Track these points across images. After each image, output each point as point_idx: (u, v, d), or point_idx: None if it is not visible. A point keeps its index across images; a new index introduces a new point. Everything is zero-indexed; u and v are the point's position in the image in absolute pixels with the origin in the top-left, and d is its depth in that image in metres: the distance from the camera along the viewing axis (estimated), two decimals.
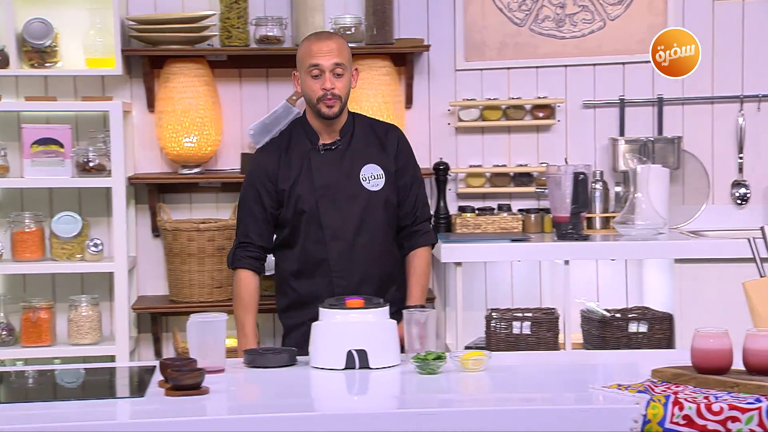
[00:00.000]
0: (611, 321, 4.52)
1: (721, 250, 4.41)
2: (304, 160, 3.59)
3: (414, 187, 3.68)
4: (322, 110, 3.53)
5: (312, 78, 3.51)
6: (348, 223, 3.55)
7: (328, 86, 3.49)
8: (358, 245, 3.56)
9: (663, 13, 4.93)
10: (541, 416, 2.52)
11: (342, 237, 3.55)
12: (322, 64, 3.49)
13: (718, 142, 4.98)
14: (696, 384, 2.64)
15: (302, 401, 2.74)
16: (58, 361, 4.57)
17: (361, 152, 3.60)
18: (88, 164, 4.54)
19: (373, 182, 3.59)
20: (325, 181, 3.56)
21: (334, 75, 3.51)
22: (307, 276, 3.59)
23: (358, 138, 3.63)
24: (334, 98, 3.51)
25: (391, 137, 3.67)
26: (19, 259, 4.57)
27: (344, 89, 3.54)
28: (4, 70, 4.57)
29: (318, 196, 3.55)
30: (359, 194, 3.57)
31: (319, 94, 3.51)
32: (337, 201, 3.56)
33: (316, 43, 3.54)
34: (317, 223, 3.55)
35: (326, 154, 3.59)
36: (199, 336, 2.91)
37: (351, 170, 3.58)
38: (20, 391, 2.93)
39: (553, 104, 4.91)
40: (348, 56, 3.57)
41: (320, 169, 3.57)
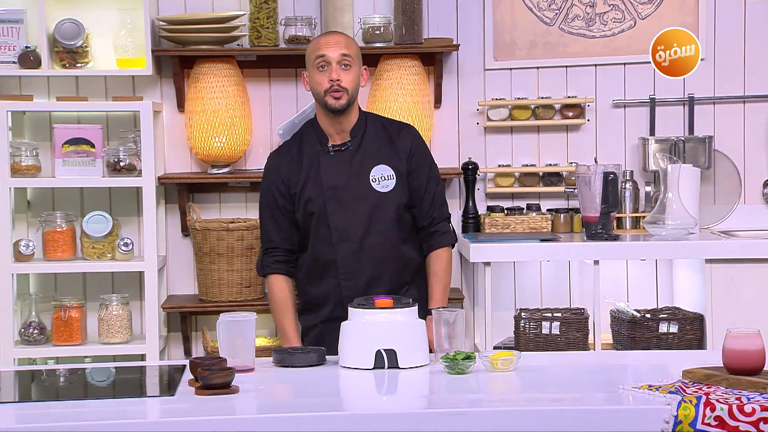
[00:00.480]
0: (641, 321, 4.49)
1: (753, 250, 4.39)
2: (313, 161, 3.57)
3: (430, 186, 3.62)
4: (328, 102, 3.48)
5: (319, 71, 3.48)
6: (356, 224, 3.52)
7: (334, 77, 3.45)
8: (366, 247, 3.52)
9: (694, 11, 4.90)
10: (571, 417, 2.51)
11: (349, 238, 3.52)
12: (329, 55, 3.47)
13: (749, 142, 4.94)
14: (728, 385, 2.62)
15: (331, 401, 2.75)
16: (88, 359, 4.60)
17: (371, 153, 3.56)
18: (119, 164, 4.57)
19: (383, 183, 3.54)
20: (334, 182, 3.54)
21: (341, 66, 3.47)
22: (317, 278, 3.58)
23: (369, 138, 3.58)
24: (341, 90, 3.47)
25: (404, 137, 3.62)
26: (50, 259, 4.60)
27: (351, 83, 3.49)
28: (36, 70, 4.61)
29: (326, 198, 3.53)
30: (368, 196, 3.53)
31: (325, 86, 3.47)
32: (345, 202, 3.53)
33: (323, 37, 3.56)
34: (325, 225, 3.53)
35: (336, 155, 3.56)
36: (228, 335, 2.92)
37: (360, 171, 3.55)
38: (51, 390, 2.95)
39: (582, 104, 4.89)
40: (356, 52, 3.53)
41: (329, 171, 3.55)
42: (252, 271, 4.67)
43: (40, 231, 4.63)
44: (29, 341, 4.58)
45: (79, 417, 2.52)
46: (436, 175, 3.66)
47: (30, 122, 4.79)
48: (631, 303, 4.72)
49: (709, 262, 4.41)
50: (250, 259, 4.65)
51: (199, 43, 4.66)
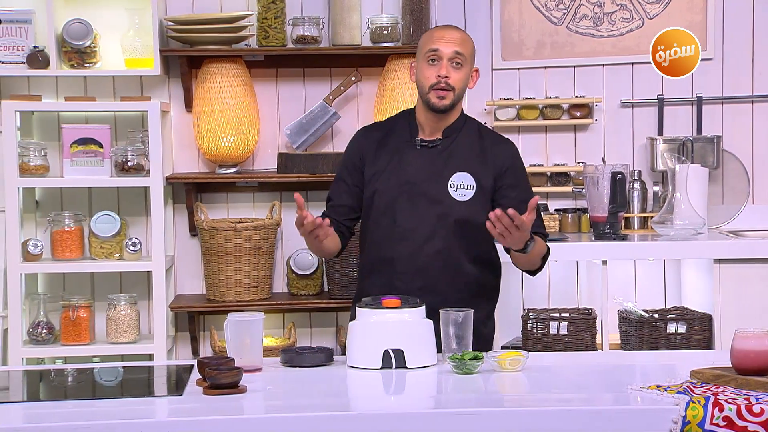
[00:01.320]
0: (649, 321, 4.49)
1: (762, 250, 4.38)
2: (397, 151, 3.37)
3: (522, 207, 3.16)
4: (431, 100, 3.28)
5: (428, 64, 3.29)
6: (422, 225, 3.31)
7: (443, 73, 3.26)
8: (426, 251, 3.31)
9: (702, 10, 4.89)
10: (579, 417, 2.50)
11: (412, 238, 3.31)
12: (441, 50, 3.27)
13: (758, 142, 4.93)
14: (736, 385, 2.61)
15: (339, 401, 2.75)
16: (97, 359, 4.61)
17: (458, 157, 3.34)
18: (127, 164, 4.57)
19: (460, 191, 3.31)
20: (411, 177, 3.33)
21: (452, 64, 3.28)
22: (373, 271, 3.37)
23: (461, 142, 3.36)
24: (448, 89, 3.27)
25: (499, 152, 3.37)
26: (58, 258, 4.61)
27: (460, 82, 3.29)
28: (44, 70, 4.62)
29: (399, 192, 3.33)
30: (442, 200, 3.31)
31: (432, 81, 3.27)
32: (416, 201, 3.32)
33: (439, 30, 3.35)
34: (392, 219, 3.33)
35: (421, 150, 3.35)
36: (236, 335, 2.92)
37: (442, 173, 3.33)
38: (59, 390, 2.95)
39: (590, 103, 4.89)
40: (471, 51, 3.34)
41: (409, 165, 3.34)
42: (260, 271, 4.67)
43: (49, 231, 4.64)
44: (38, 341, 4.59)
45: (87, 417, 2.52)
46: (532, 194, 3.30)
47: (38, 122, 4.80)
48: (639, 303, 4.71)
49: (717, 263, 4.40)
50: (257, 259, 4.65)
51: (207, 43, 4.66)
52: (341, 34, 4.72)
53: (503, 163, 3.36)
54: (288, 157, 4.71)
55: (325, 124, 4.81)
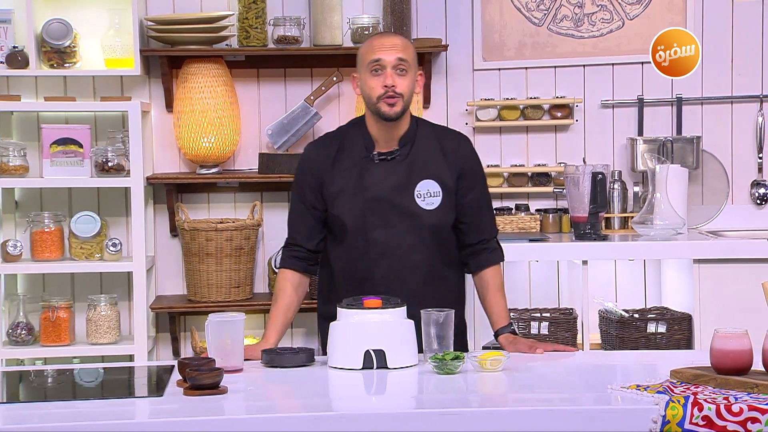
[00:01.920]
0: (630, 321, 4.50)
1: (741, 250, 4.40)
2: (355, 167, 3.29)
3: (483, 202, 3.36)
4: (382, 110, 3.21)
5: (372, 75, 3.21)
6: (397, 240, 3.26)
7: (389, 83, 3.19)
8: (407, 266, 3.27)
9: (682, 12, 4.91)
10: (560, 416, 2.51)
11: (390, 255, 3.26)
12: (384, 59, 3.20)
13: (737, 142, 4.96)
14: (715, 385, 2.63)
15: (320, 401, 2.74)
16: (77, 360, 4.59)
17: (419, 165, 3.28)
18: (107, 164, 4.56)
19: (428, 200, 3.27)
20: (376, 193, 3.26)
21: (396, 72, 3.21)
22: (346, 292, 3.24)
23: (419, 148, 3.30)
24: (396, 96, 3.20)
25: (458, 151, 3.34)
26: (38, 259, 4.59)
27: (407, 89, 3.22)
28: (24, 70, 4.60)
29: (366, 209, 3.26)
30: (412, 211, 3.26)
31: (379, 92, 3.20)
32: (386, 216, 3.26)
33: (378, 38, 3.27)
34: (363, 238, 3.26)
35: (381, 164, 3.28)
36: (217, 336, 2.92)
37: (406, 184, 3.27)
38: (39, 391, 2.94)
39: (571, 104, 4.90)
40: (413, 56, 3.26)
41: (372, 181, 3.27)
42: (241, 272, 4.66)
43: (28, 231, 4.61)
44: (17, 342, 4.57)
45: (67, 417, 2.51)
46: (487, 191, 3.41)
47: (18, 122, 4.78)
48: (619, 303, 4.73)
49: (697, 263, 4.42)
50: (238, 260, 4.65)
51: (187, 43, 4.65)
52: (322, 34, 4.72)
53: (464, 163, 3.34)
54: (269, 157, 4.70)
55: (306, 124, 4.81)
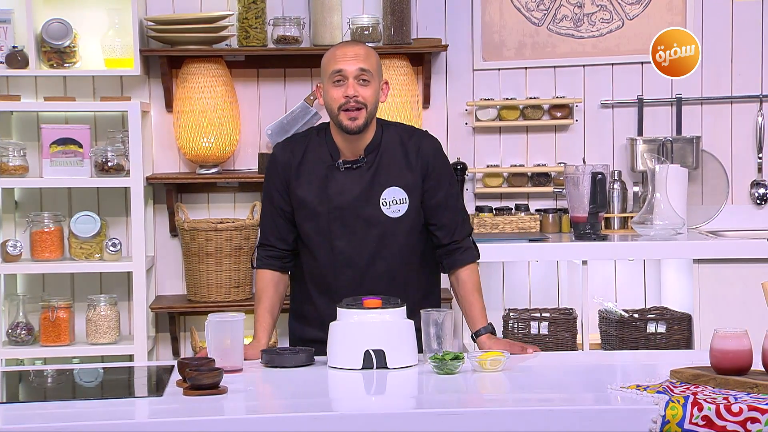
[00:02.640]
0: (629, 321, 4.50)
1: (740, 250, 4.40)
2: (320, 174, 3.24)
3: (450, 203, 3.29)
4: (343, 123, 3.16)
5: (334, 85, 3.16)
6: (362, 250, 3.23)
7: (350, 93, 3.13)
8: (370, 275, 3.23)
9: (682, 12, 4.91)
10: (560, 417, 2.51)
11: (353, 265, 3.23)
12: (346, 69, 3.14)
13: (737, 142, 4.96)
14: (715, 385, 2.63)
15: (320, 401, 2.74)
16: (76, 360, 4.59)
17: (384, 173, 3.24)
18: (107, 164, 4.56)
19: (393, 207, 3.23)
20: (341, 202, 3.22)
21: (358, 82, 3.15)
22: (311, 298, 3.30)
23: (385, 155, 3.25)
24: (358, 108, 3.14)
25: (421, 152, 3.26)
26: (38, 259, 4.59)
27: (370, 99, 3.16)
28: (24, 70, 4.59)
29: (331, 219, 3.23)
30: (377, 220, 3.23)
31: (340, 102, 3.14)
32: (351, 225, 3.23)
33: (340, 48, 3.21)
34: (328, 247, 3.24)
35: (346, 172, 3.23)
36: (217, 336, 2.92)
37: (371, 193, 3.23)
38: (39, 391, 2.94)
39: (571, 104, 4.90)
40: (376, 65, 3.20)
41: (336, 189, 3.23)
42: (241, 272, 4.66)
43: (28, 231, 4.61)
44: (17, 342, 4.57)
45: (67, 418, 2.51)
46: (456, 190, 3.34)
47: (17, 122, 4.78)
48: (619, 303, 4.73)
49: (696, 263, 4.42)
50: (238, 260, 4.65)
51: (187, 43, 4.65)
52: (322, 34, 4.72)
53: (427, 162, 3.27)
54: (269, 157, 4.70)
55: (306, 124, 4.81)
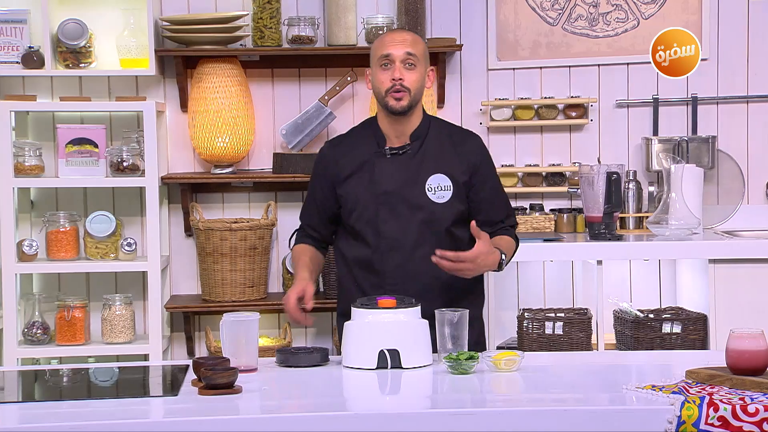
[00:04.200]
0: (644, 321, 4.49)
1: (757, 250, 4.38)
2: (367, 162, 3.33)
3: (497, 201, 3.37)
4: (389, 103, 3.26)
5: (382, 69, 3.27)
6: (408, 234, 3.28)
7: (396, 76, 3.23)
8: (417, 259, 3.27)
9: (698, 11, 4.90)
10: (575, 417, 2.51)
11: (400, 248, 3.28)
12: (393, 54, 3.25)
13: (753, 142, 4.94)
14: (731, 385, 2.62)
15: (334, 401, 2.74)
16: (92, 359, 4.61)
17: (430, 160, 3.32)
18: (122, 164, 4.57)
19: (438, 194, 3.29)
20: (387, 187, 3.30)
21: (405, 66, 3.25)
22: (359, 285, 3.34)
23: (431, 144, 3.34)
24: (403, 90, 3.24)
25: (470, 148, 3.36)
26: (53, 258, 4.60)
27: (415, 83, 3.27)
28: (39, 70, 4.61)
29: (378, 203, 3.29)
30: (423, 205, 3.28)
31: (387, 86, 3.25)
32: (397, 210, 3.29)
33: (389, 34, 3.33)
34: (375, 231, 3.29)
35: (392, 158, 3.32)
36: (231, 335, 2.92)
37: (417, 178, 3.30)
38: (55, 390, 2.95)
39: (585, 104, 4.89)
40: (423, 51, 3.31)
41: (383, 175, 3.31)
42: (255, 271, 4.67)
43: (44, 231, 4.63)
44: (33, 341, 4.58)
45: (82, 417, 2.52)
46: (501, 187, 3.43)
47: (33, 122, 4.79)
48: (634, 303, 4.72)
49: (712, 263, 4.41)
50: (253, 259, 4.65)
51: (202, 43, 4.66)
52: (336, 34, 4.72)
53: (475, 160, 3.35)
54: (283, 157, 4.71)
55: (320, 124, 4.81)
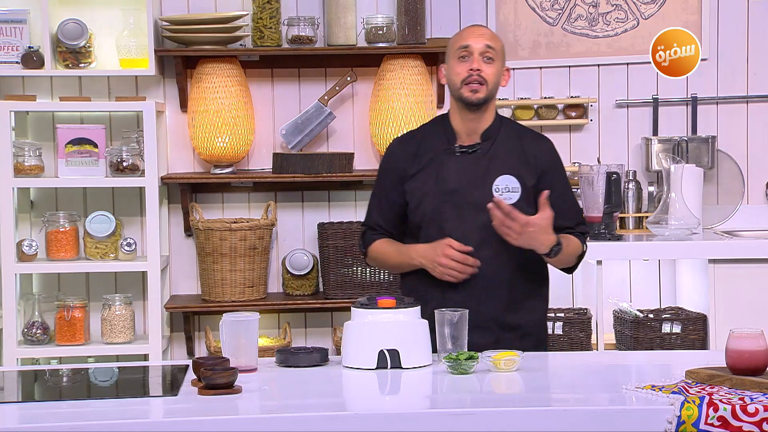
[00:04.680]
0: (644, 321, 4.49)
1: (756, 250, 4.38)
2: (435, 159, 3.29)
3: (566, 205, 3.30)
4: (464, 95, 3.21)
5: (459, 61, 3.23)
6: (471, 233, 3.22)
7: (475, 66, 3.19)
8: (480, 258, 3.20)
9: (697, 11, 4.90)
10: (575, 417, 2.51)
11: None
12: (472, 45, 3.20)
13: (753, 142, 4.94)
14: (731, 385, 2.62)
15: (334, 401, 2.74)
16: (91, 359, 4.61)
17: (500, 160, 3.26)
18: (122, 164, 4.57)
19: (505, 195, 3.23)
20: (454, 185, 3.25)
21: (483, 58, 3.21)
22: (420, 282, 3.29)
23: (501, 144, 3.29)
24: (481, 81, 3.20)
25: (540, 151, 3.32)
26: (53, 258, 4.60)
27: (492, 77, 3.22)
28: (39, 70, 4.61)
29: (443, 201, 3.25)
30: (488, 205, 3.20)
31: (463, 76, 3.20)
32: (462, 209, 3.24)
33: (468, 28, 3.29)
34: (438, 229, 3.25)
35: (461, 156, 3.28)
36: (231, 335, 2.92)
37: (485, 178, 3.25)
38: (54, 390, 2.95)
39: (585, 104, 4.89)
40: (501, 48, 3.27)
41: (451, 173, 3.27)
42: (255, 271, 4.67)
43: (43, 231, 4.63)
44: (32, 341, 4.58)
45: (82, 417, 2.52)
46: (571, 194, 3.37)
47: (33, 122, 4.79)
48: (634, 303, 4.72)
49: (712, 263, 4.41)
50: (252, 259, 4.65)
51: (202, 43, 4.66)
52: (336, 34, 4.72)
53: (544, 163, 3.30)
54: (283, 157, 4.71)
55: (320, 124, 4.81)
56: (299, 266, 4.77)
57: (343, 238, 4.68)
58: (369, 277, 4.70)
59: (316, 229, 4.83)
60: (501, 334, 3.22)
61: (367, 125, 4.84)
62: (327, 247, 4.70)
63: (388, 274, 4.68)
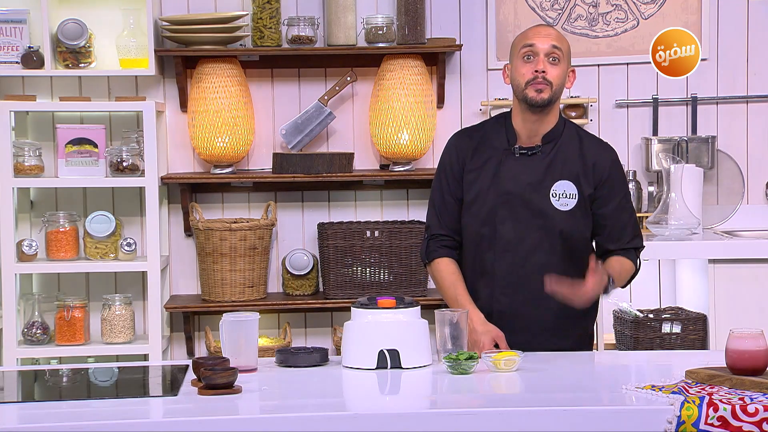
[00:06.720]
0: (644, 321, 4.49)
1: (756, 250, 4.38)
2: (494, 158, 3.22)
3: (622, 217, 3.25)
4: (529, 95, 3.14)
5: (524, 61, 3.16)
6: (524, 237, 3.18)
7: (540, 68, 3.12)
8: (530, 264, 3.18)
9: (697, 11, 4.90)
10: (574, 417, 2.51)
11: (514, 251, 3.19)
12: (537, 45, 3.14)
13: (753, 142, 4.94)
14: (731, 385, 2.62)
15: (334, 401, 2.75)
16: (91, 359, 4.61)
17: (559, 165, 3.20)
18: (122, 164, 4.57)
19: (563, 201, 3.18)
20: (511, 187, 3.19)
21: (549, 59, 3.14)
22: (470, 282, 3.25)
23: (562, 149, 3.22)
24: (545, 83, 3.13)
25: (601, 159, 3.23)
26: (53, 258, 4.60)
27: (557, 79, 3.15)
28: (39, 70, 4.61)
29: (499, 202, 3.19)
30: (544, 211, 3.17)
31: (528, 77, 3.13)
32: (517, 211, 3.19)
33: (534, 28, 3.24)
34: (492, 229, 3.20)
35: (521, 158, 3.21)
36: (231, 335, 2.92)
37: (542, 182, 3.19)
38: (54, 390, 2.95)
39: (585, 103, 4.89)
40: (567, 49, 3.20)
41: (509, 174, 3.20)
42: (255, 271, 4.67)
43: (43, 231, 4.63)
44: (32, 341, 4.58)
45: (82, 417, 2.52)
46: (630, 206, 3.30)
47: (33, 122, 4.79)
48: (634, 303, 4.72)
49: (712, 263, 4.41)
50: (252, 259, 4.65)
51: (201, 43, 4.66)
52: (336, 34, 4.72)
53: (603, 172, 3.23)
54: (283, 157, 4.71)
55: (320, 124, 4.81)
56: (299, 266, 4.77)
57: (343, 238, 4.68)
58: (369, 277, 4.70)
59: (316, 229, 4.83)
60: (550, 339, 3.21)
61: (367, 125, 4.84)
62: (327, 247, 4.70)
63: (388, 274, 4.68)
